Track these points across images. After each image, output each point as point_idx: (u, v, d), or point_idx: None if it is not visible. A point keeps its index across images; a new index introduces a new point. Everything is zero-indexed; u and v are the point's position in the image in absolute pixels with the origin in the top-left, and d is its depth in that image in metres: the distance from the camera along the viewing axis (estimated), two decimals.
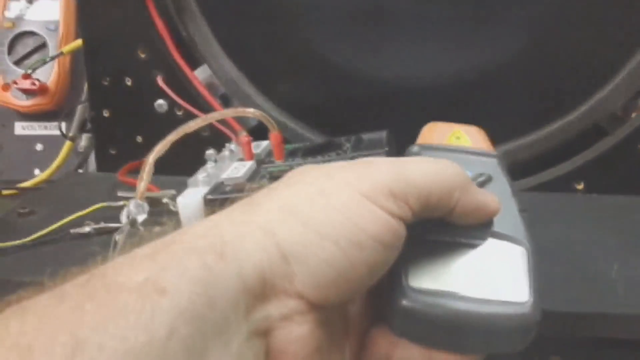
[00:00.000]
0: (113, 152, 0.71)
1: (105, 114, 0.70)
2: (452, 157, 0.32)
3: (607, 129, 0.66)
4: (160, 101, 0.68)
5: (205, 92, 0.65)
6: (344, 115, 0.70)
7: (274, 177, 0.51)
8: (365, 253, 0.26)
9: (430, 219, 0.30)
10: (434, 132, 0.38)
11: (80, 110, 0.80)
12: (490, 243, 0.30)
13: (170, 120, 0.67)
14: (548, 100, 0.67)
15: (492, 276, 0.29)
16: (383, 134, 0.60)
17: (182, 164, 0.55)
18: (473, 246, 0.30)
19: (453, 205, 0.30)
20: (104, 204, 0.57)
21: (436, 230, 0.30)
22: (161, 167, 0.71)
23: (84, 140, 0.76)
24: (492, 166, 0.35)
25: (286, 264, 0.26)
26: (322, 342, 0.27)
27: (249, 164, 0.54)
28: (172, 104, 0.67)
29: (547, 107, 0.67)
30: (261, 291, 0.25)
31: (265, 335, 0.26)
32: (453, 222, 0.30)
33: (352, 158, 0.53)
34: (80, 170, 0.78)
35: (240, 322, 0.24)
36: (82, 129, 0.80)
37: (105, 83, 0.68)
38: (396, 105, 0.69)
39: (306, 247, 0.26)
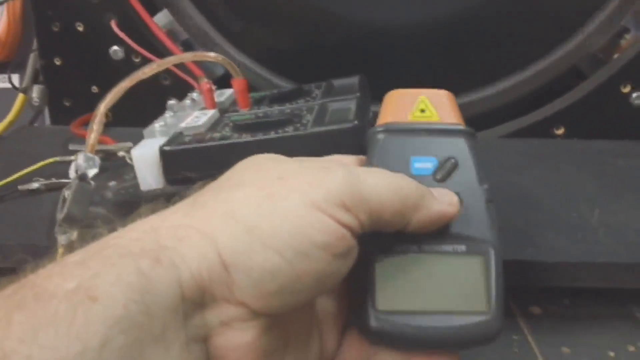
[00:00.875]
0: (67, 103, 0.67)
1: (57, 62, 0.65)
2: (419, 141, 0.32)
3: (586, 72, 0.64)
4: (115, 47, 0.64)
5: (163, 37, 0.61)
6: (315, 61, 0.66)
7: (238, 127, 0.47)
8: (312, 264, 0.25)
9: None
10: (398, 103, 0.36)
11: (32, 60, 0.75)
12: (453, 248, 0.30)
13: (128, 68, 0.62)
14: (525, 43, 0.64)
15: (454, 287, 0.29)
16: (355, 80, 0.56)
17: (143, 115, 0.51)
18: (437, 254, 0.30)
19: (406, 223, 0.29)
20: (55, 158, 0.54)
21: (400, 237, 0.29)
22: (121, 118, 0.68)
23: (36, 92, 0.71)
24: (460, 147, 0.33)
25: (226, 271, 0.24)
26: (272, 347, 0.26)
27: (211, 113, 0.51)
28: (128, 50, 0.63)
29: (524, 50, 0.64)
30: (200, 298, 0.24)
31: (204, 341, 0.25)
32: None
33: (321, 105, 0.50)
34: (36, 125, 0.74)
35: (179, 329, 0.24)
36: (35, 80, 0.75)
37: (55, 29, 0.64)
38: (370, 51, 0.65)
39: (249, 256, 0.24)
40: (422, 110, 0.35)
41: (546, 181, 0.51)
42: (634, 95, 0.60)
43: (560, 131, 0.62)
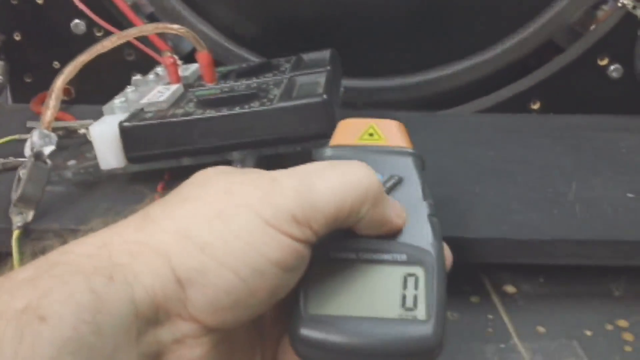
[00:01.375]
0: (28, 80, 0.64)
1: (17, 37, 0.62)
2: (363, 158, 0.31)
3: (562, 45, 0.62)
4: (77, 21, 0.61)
5: (127, 10, 0.58)
6: (286, 35, 0.64)
7: (202, 102, 0.45)
8: (267, 280, 0.25)
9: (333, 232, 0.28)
10: (347, 130, 0.36)
11: None
12: (393, 257, 0.29)
13: (90, 43, 0.59)
14: (500, 16, 0.62)
15: (392, 295, 0.28)
16: (326, 54, 0.55)
17: (108, 92, 0.49)
18: (374, 262, 0.29)
19: (360, 219, 0.28)
20: (13, 137, 0.51)
21: (339, 244, 0.29)
22: (85, 96, 0.65)
23: None
24: (405, 166, 0.33)
25: (180, 288, 0.24)
26: None
27: (175, 88, 0.49)
28: (90, 24, 0.60)
29: (499, 23, 0.62)
30: (154, 315, 0.24)
31: (156, 358, 0.25)
32: (356, 232, 0.29)
33: (289, 79, 0.48)
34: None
35: (131, 347, 0.23)
36: None
37: (14, 1, 0.61)
38: (342, 25, 0.63)
39: (203, 274, 0.24)
40: (371, 135, 0.35)
41: (521, 156, 0.49)
42: (612, 67, 0.58)
43: (536, 106, 0.61)
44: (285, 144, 0.43)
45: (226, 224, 0.25)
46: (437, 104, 0.63)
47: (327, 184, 0.27)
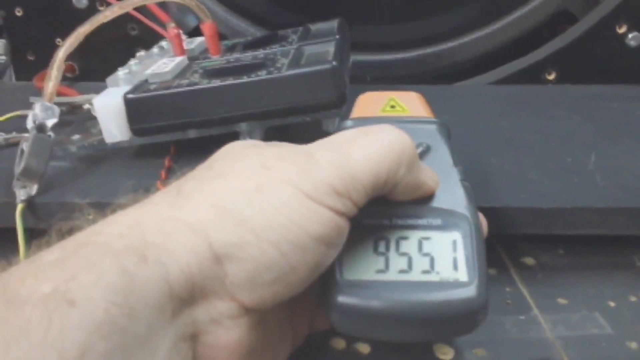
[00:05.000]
0: (31, 57, 0.63)
1: (18, 12, 0.61)
2: None
3: (577, 14, 0.61)
4: None
5: None
6: (291, 10, 0.63)
7: (207, 72, 0.44)
8: (308, 255, 0.24)
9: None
10: (368, 103, 0.36)
11: None
12: (428, 222, 0.29)
13: None
14: None
15: (431, 259, 0.27)
16: (334, 23, 0.53)
17: (112, 68, 0.48)
18: (409, 227, 0.28)
19: (396, 184, 0.27)
20: (16, 112, 0.50)
21: (371, 211, 0.28)
22: (89, 72, 0.64)
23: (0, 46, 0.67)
24: (432, 134, 0.33)
25: (219, 265, 0.23)
26: (255, 345, 0.25)
27: (179, 60, 0.47)
28: None
29: None
30: (189, 294, 0.23)
31: (192, 339, 0.24)
32: (391, 199, 0.28)
33: (297, 49, 0.46)
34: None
35: (166, 329, 0.22)
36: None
37: None
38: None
39: (243, 249, 0.23)
40: (392, 107, 0.35)
41: (538, 127, 0.48)
42: (630, 36, 0.57)
43: (552, 76, 0.59)
44: (294, 114, 0.41)
45: (266, 198, 0.24)
46: (450, 76, 0.61)
47: (362, 152, 0.26)
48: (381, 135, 0.27)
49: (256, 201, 0.24)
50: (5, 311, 0.20)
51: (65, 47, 0.44)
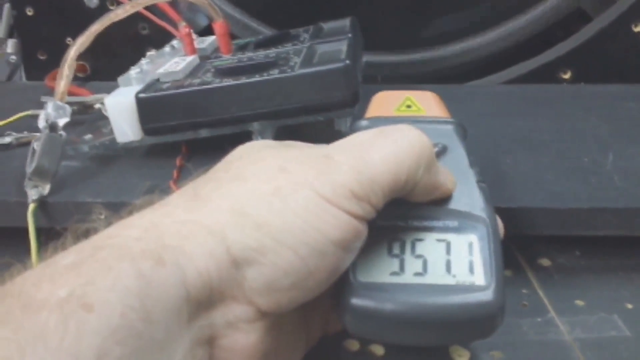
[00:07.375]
0: (42, 57, 0.63)
1: (29, 12, 0.61)
2: None
3: (591, 13, 0.60)
4: None
5: None
6: (301, 10, 0.62)
7: (219, 72, 0.44)
8: (326, 260, 0.24)
9: None
10: (384, 102, 0.35)
11: (6, 12, 0.70)
12: (444, 224, 0.28)
13: None
14: None
15: (447, 261, 0.27)
16: (346, 22, 0.53)
17: (123, 68, 0.48)
18: (425, 229, 0.28)
19: (415, 186, 0.27)
20: (27, 112, 0.50)
21: (387, 213, 0.27)
22: (100, 72, 0.64)
23: (10, 46, 0.67)
24: (448, 134, 0.33)
25: (236, 269, 0.23)
26: (270, 348, 0.25)
27: (190, 59, 0.47)
28: None
29: None
30: (206, 298, 0.23)
31: (208, 343, 0.24)
32: (407, 200, 0.28)
33: (309, 47, 0.46)
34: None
35: (182, 332, 0.22)
36: (10, 34, 0.71)
37: None
38: None
39: (261, 253, 0.23)
40: (408, 106, 0.34)
41: (553, 126, 0.47)
42: None
43: (567, 75, 0.58)
44: (307, 113, 0.41)
45: (284, 202, 0.24)
46: (463, 75, 0.61)
47: (381, 154, 0.26)
48: (400, 136, 0.27)
49: (274, 205, 0.24)
50: (21, 316, 0.19)
51: (77, 46, 0.43)
